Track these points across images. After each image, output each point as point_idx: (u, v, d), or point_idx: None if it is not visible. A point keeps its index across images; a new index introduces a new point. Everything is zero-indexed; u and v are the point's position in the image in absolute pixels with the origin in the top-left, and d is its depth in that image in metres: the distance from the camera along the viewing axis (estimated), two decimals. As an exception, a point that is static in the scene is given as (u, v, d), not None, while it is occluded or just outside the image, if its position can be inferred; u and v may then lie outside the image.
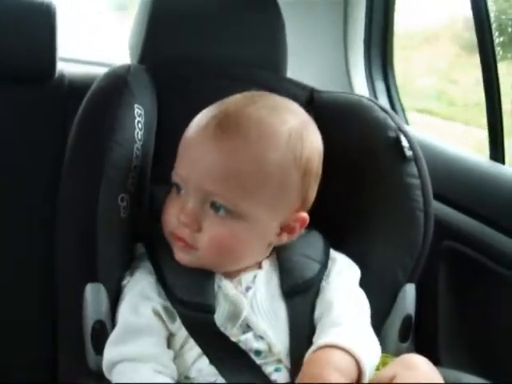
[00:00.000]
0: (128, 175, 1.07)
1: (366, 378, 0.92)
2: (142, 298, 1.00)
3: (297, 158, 1.00)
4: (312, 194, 1.06)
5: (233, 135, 0.97)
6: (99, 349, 0.99)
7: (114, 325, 1.01)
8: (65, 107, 1.32)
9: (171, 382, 0.93)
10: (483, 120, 1.40)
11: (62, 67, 1.38)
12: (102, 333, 1.00)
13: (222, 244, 0.99)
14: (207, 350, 0.96)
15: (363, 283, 1.08)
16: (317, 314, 1.02)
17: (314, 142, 1.03)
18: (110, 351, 0.97)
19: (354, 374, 0.91)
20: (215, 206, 0.97)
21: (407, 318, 1.15)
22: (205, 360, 0.96)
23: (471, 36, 1.40)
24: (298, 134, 1.01)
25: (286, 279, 1.04)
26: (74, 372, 1.08)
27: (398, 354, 1.10)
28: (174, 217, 1.00)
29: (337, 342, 0.92)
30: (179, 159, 1.02)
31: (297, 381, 0.91)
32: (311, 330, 1.00)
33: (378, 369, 1.02)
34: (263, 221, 1.00)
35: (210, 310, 0.98)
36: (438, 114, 3.15)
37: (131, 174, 1.07)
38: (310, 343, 0.96)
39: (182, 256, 1.01)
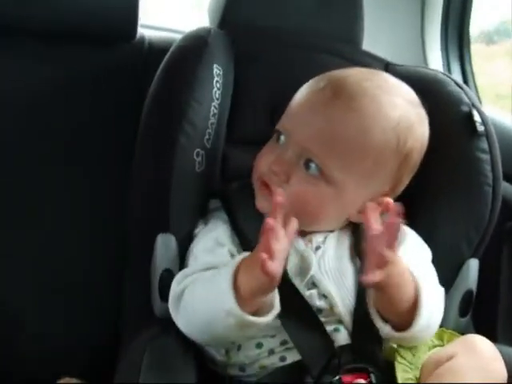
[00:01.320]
0: (204, 131, 1.10)
1: (421, 316, 0.94)
2: (216, 243, 1.03)
3: (399, 145, 1.02)
4: (403, 184, 1.08)
5: (345, 105, 1.00)
6: (166, 296, 1.02)
7: None
8: (144, 70, 1.34)
9: None
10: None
11: (142, 32, 1.41)
12: (169, 281, 1.03)
13: (304, 201, 1.01)
14: None
15: (429, 255, 1.10)
16: None
17: (420, 135, 1.06)
18: (183, 279, 1.00)
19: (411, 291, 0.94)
20: (309, 164, 1.01)
21: (468, 293, 1.16)
22: None
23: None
24: (408, 123, 1.03)
25: (359, 243, 1.04)
26: (140, 319, 1.12)
27: (456, 328, 1.11)
28: (267, 164, 1.03)
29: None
30: (289, 112, 1.06)
31: None
32: None
33: (442, 344, 1.04)
34: (349, 193, 1.02)
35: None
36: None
37: (208, 131, 1.11)
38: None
39: (263, 204, 1.04)
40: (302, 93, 1.06)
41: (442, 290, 1.04)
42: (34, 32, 1.32)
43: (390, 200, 1.00)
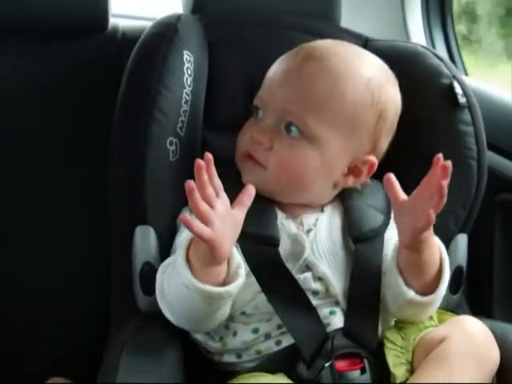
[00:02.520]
0: (177, 119, 1.09)
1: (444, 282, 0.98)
2: None
3: (374, 102, 1.04)
4: (384, 144, 1.08)
5: (317, 64, 1.03)
6: (148, 290, 1.03)
7: None
8: (119, 59, 1.33)
9: None
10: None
11: (115, 21, 1.40)
12: (150, 274, 1.03)
13: (290, 165, 1.02)
14: (266, 285, 0.98)
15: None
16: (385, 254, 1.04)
17: (392, 95, 1.07)
18: (164, 271, 0.99)
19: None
20: (289, 128, 1.02)
21: (458, 269, 1.14)
22: (262, 297, 0.98)
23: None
24: (379, 82, 1.05)
25: (352, 225, 1.05)
26: (124, 314, 1.11)
27: (447, 306, 1.10)
28: (249, 137, 1.04)
29: None
30: (264, 85, 1.07)
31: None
32: (374, 275, 1.02)
33: (434, 324, 1.03)
34: (333, 149, 1.02)
35: (275, 243, 1.00)
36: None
37: (180, 119, 1.09)
38: (370, 288, 1.00)
39: (249, 178, 1.03)
40: (275, 65, 1.08)
41: None
42: (5, 28, 1.31)
43: (374, 159, 1.05)
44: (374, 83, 1.04)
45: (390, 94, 1.06)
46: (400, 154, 1.11)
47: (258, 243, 1.00)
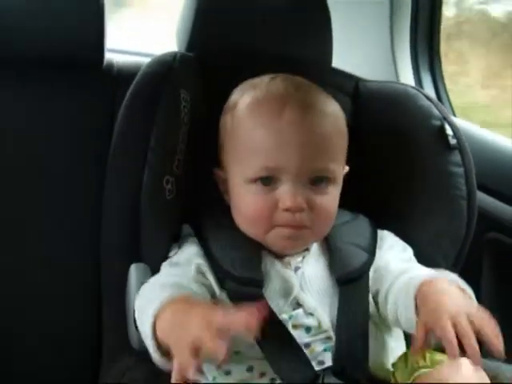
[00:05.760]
0: (173, 158, 1.09)
1: None
2: (187, 262, 1.02)
3: (345, 123, 1.08)
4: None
5: (312, 111, 1.03)
6: None
7: None
8: (113, 95, 1.33)
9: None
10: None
11: (110, 57, 1.41)
12: None
13: (330, 212, 1.04)
14: None
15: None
16: (385, 287, 1.03)
17: None
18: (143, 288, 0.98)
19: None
20: (315, 180, 1.02)
21: None
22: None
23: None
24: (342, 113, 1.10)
25: (336, 266, 1.06)
26: (116, 349, 1.11)
27: (439, 342, 1.10)
28: (273, 208, 1.01)
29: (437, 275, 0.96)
30: (260, 152, 1.01)
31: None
32: (361, 314, 1.02)
33: (426, 364, 1.03)
34: (340, 179, 1.06)
35: (260, 285, 1.00)
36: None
37: (177, 157, 1.09)
38: (358, 326, 1.00)
39: (291, 245, 1.04)
40: (264, 128, 1.02)
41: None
42: (3, 61, 1.32)
43: (347, 167, 1.09)
44: (342, 114, 1.09)
45: None
46: (387, 193, 1.13)
47: (243, 284, 1.00)
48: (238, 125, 1.05)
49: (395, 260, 1.07)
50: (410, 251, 1.11)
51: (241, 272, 1.00)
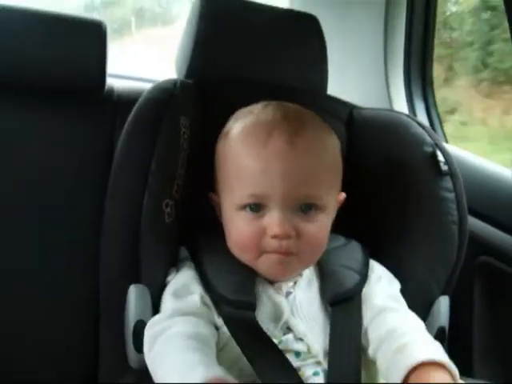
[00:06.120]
0: (173, 183, 1.10)
1: None
2: (187, 290, 1.04)
3: (341, 151, 1.11)
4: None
5: (299, 139, 1.03)
6: (140, 347, 1.02)
7: None
8: (113, 121, 1.36)
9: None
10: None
11: (111, 82, 1.43)
12: (143, 332, 1.02)
13: (318, 240, 1.05)
14: (247, 349, 0.98)
15: (398, 294, 1.11)
16: (366, 321, 1.05)
17: None
18: (154, 326, 0.98)
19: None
20: (303, 208, 1.03)
21: (441, 331, 1.16)
22: (245, 361, 0.98)
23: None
24: (338, 140, 1.12)
25: (328, 288, 1.07)
26: (114, 369, 1.12)
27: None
28: (261, 235, 1.03)
29: (432, 357, 0.93)
30: (248, 179, 1.03)
31: None
32: (353, 336, 1.03)
33: None
34: (332, 207, 1.08)
35: (253, 308, 1.01)
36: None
37: (176, 182, 1.11)
38: (350, 349, 1.01)
39: (282, 271, 1.05)
40: (253, 154, 1.04)
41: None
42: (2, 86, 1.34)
43: (343, 194, 1.12)
44: (338, 141, 1.12)
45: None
46: (386, 217, 1.15)
47: (237, 308, 1.01)
48: (229, 152, 1.08)
49: (382, 295, 1.08)
50: (396, 286, 1.12)
51: (235, 296, 1.02)
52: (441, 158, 1.19)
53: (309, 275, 1.10)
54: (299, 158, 1.02)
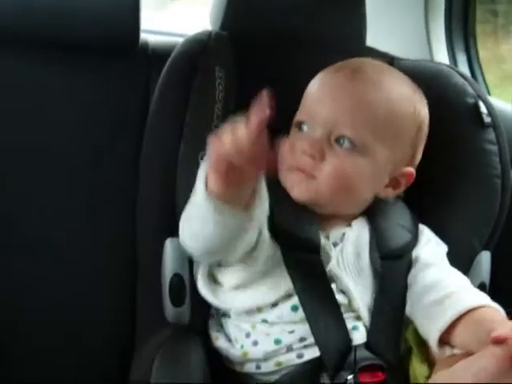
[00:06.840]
0: (208, 134, 1.10)
1: None
2: None
3: (415, 114, 1.08)
4: (419, 156, 1.11)
5: (366, 79, 1.06)
6: (177, 301, 1.04)
7: (191, 278, 1.06)
8: (148, 75, 1.35)
9: None
10: None
11: (145, 37, 1.41)
12: (179, 286, 1.04)
13: (342, 175, 1.03)
14: (301, 289, 0.99)
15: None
16: (411, 278, 1.04)
17: (426, 111, 1.11)
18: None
19: None
20: (341, 140, 1.03)
21: (481, 286, 1.14)
22: (287, 305, 0.99)
23: None
24: (417, 95, 1.10)
25: (381, 242, 1.06)
26: (152, 325, 1.12)
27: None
28: (298, 150, 1.04)
29: (483, 303, 0.94)
30: (307, 100, 1.09)
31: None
32: (399, 292, 1.03)
33: None
34: (380, 160, 1.05)
35: (318, 251, 1.02)
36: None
37: (212, 134, 1.11)
38: (395, 304, 1.01)
39: (300, 190, 1.04)
40: (317, 81, 1.10)
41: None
42: (37, 43, 1.34)
43: (412, 170, 1.08)
44: (415, 97, 1.09)
45: (424, 107, 1.10)
46: (420, 174, 1.13)
47: (301, 250, 1.01)
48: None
49: (429, 255, 1.07)
50: (443, 249, 1.11)
51: (300, 234, 1.02)
52: (483, 109, 1.16)
53: (358, 228, 1.08)
54: (354, 91, 1.05)
